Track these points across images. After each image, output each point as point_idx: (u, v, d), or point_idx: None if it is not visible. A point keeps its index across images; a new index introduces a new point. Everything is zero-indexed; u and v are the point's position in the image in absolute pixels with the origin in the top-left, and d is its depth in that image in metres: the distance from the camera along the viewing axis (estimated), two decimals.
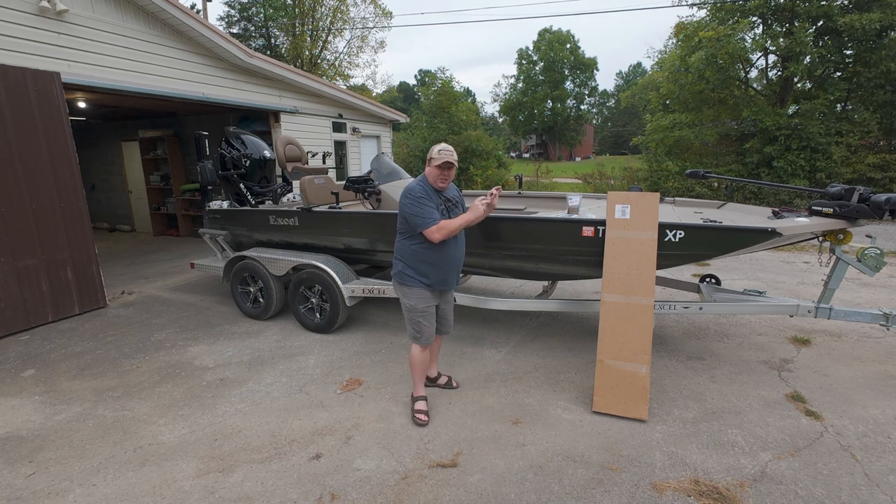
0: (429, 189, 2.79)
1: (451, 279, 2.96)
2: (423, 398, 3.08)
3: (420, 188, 2.77)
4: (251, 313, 4.92)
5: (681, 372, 3.54)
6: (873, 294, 5.29)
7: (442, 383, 3.39)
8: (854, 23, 10.23)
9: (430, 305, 2.94)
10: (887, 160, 10.96)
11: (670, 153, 13.56)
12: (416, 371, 3.08)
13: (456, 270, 2.97)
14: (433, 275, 2.86)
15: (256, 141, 5.52)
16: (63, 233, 4.99)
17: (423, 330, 2.95)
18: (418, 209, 2.71)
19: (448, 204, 2.86)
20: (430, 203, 2.73)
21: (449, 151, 2.74)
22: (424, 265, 2.84)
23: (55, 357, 4.08)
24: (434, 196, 2.78)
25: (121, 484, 2.46)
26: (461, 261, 3.00)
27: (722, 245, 3.18)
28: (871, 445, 2.63)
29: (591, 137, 61.18)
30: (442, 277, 2.89)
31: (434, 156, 2.74)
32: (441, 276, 2.89)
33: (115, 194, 11.16)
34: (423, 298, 2.90)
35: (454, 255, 2.91)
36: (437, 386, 3.39)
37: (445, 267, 2.87)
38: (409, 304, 2.93)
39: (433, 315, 2.99)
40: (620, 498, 2.28)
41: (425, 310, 2.92)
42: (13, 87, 4.53)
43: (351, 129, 10.48)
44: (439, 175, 2.77)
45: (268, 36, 28.34)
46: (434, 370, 3.40)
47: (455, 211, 2.89)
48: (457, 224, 2.74)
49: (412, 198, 2.73)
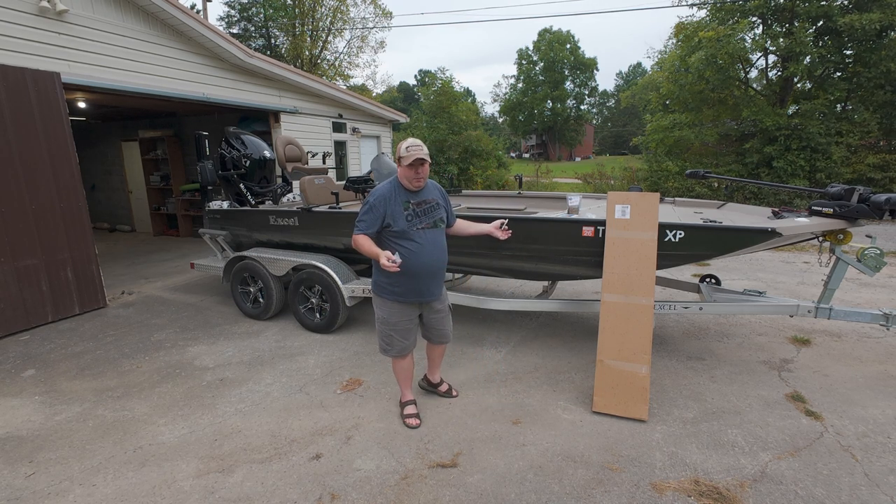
0: (398, 192, 2.60)
1: (427, 290, 2.70)
2: (410, 402, 2.99)
3: (383, 192, 2.59)
4: (251, 313, 4.92)
5: (681, 372, 3.54)
6: (873, 294, 5.29)
7: (442, 391, 3.26)
8: (854, 23, 10.23)
9: (403, 320, 2.75)
10: (887, 160, 10.96)
11: (670, 153, 13.56)
12: (399, 377, 2.98)
13: (433, 280, 2.71)
14: (405, 285, 2.65)
15: (256, 141, 5.52)
16: (63, 233, 4.99)
17: (394, 343, 2.80)
18: (364, 213, 2.58)
19: (420, 207, 2.62)
20: (378, 213, 2.55)
21: (418, 146, 2.52)
22: (394, 275, 2.60)
23: (55, 357, 4.08)
24: (398, 200, 2.58)
25: (121, 484, 2.46)
26: (439, 268, 2.73)
27: (722, 245, 3.18)
28: (870, 445, 2.62)
29: (591, 137, 61.20)
30: (415, 288, 2.67)
31: (403, 154, 2.51)
32: (414, 287, 2.66)
33: (115, 194, 11.15)
34: (395, 312, 2.73)
35: (427, 262, 2.63)
36: (437, 393, 3.27)
37: (418, 276, 2.63)
38: (381, 316, 2.78)
39: (409, 330, 2.80)
40: (620, 498, 2.28)
41: (397, 324, 2.75)
42: (13, 88, 4.53)
43: (351, 129, 10.48)
44: (413, 175, 2.55)
45: (268, 36, 28.34)
46: (436, 375, 3.27)
47: (429, 215, 2.64)
48: (368, 250, 2.54)
49: (367, 202, 2.60)
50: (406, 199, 2.60)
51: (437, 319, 2.90)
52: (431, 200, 2.68)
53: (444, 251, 2.75)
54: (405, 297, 2.69)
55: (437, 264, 2.70)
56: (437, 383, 3.28)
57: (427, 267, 2.64)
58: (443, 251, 2.74)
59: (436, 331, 2.95)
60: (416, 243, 2.60)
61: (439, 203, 2.74)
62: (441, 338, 2.98)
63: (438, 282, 2.77)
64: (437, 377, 3.27)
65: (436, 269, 2.71)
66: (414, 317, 2.80)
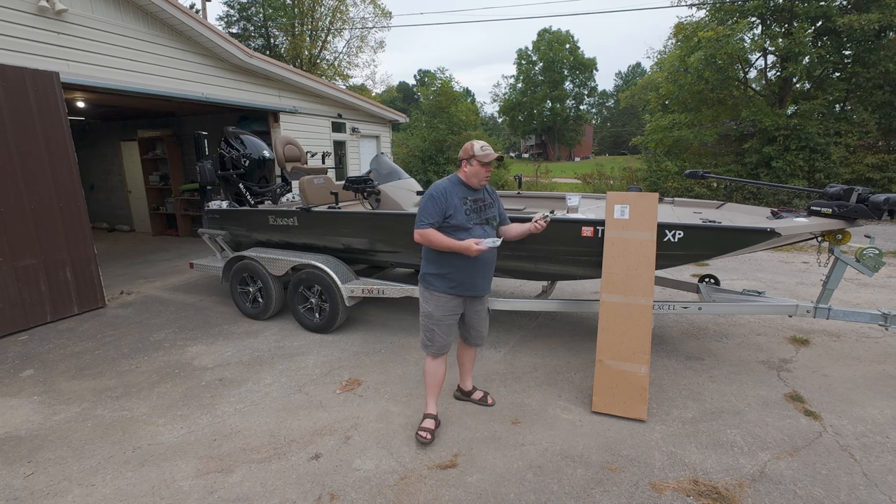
0: (456, 188, 2.67)
1: (480, 284, 2.77)
2: (431, 416, 2.83)
3: (444, 186, 2.65)
4: (250, 313, 4.91)
5: (680, 372, 3.55)
6: (872, 294, 5.29)
7: (476, 398, 3.15)
8: (853, 23, 10.24)
9: (448, 314, 2.75)
10: (886, 160, 10.97)
11: (669, 153, 13.57)
12: (428, 384, 2.86)
13: (485, 275, 2.78)
14: (458, 278, 2.68)
15: (256, 141, 5.52)
16: (62, 233, 4.98)
17: (436, 339, 2.77)
18: (426, 206, 2.61)
19: (477, 204, 2.70)
20: (442, 206, 2.59)
21: (490, 148, 2.65)
22: (450, 267, 2.66)
23: (54, 357, 4.07)
24: (457, 196, 2.64)
25: (120, 484, 2.45)
26: (491, 265, 2.80)
27: (721, 245, 3.18)
28: (869, 445, 2.63)
29: (590, 138, 61.23)
30: (468, 281, 2.71)
31: (478, 153, 2.60)
32: (467, 280, 2.70)
33: (114, 194, 11.14)
34: (441, 306, 2.73)
35: (476, 264, 2.69)
36: (472, 401, 3.16)
37: (472, 270, 2.69)
38: (427, 310, 2.76)
39: (451, 326, 2.80)
40: (620, 498, 2.28)
41: (442, 318, 2.74)
42: (12, 87, 4.53)
43: (350, 129, 10.48)
44: (485, 174, 2.66)
45: (267, 36, 28.33)
46: (468, 382, 3.17)
47: (483, 212, 2.72)
48: (445, 243, 2.56)
49: (429, 195, 2.64)
50: (464, 195, 2.67)
51: (479, 319, 2.92)
52: (486, 199, 2.77)
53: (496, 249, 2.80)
54: (457, 289, 2.71)
55: (491, 260, 2.79)
56: (470, 391, 3.19)
57: (478, 261, 2.69)
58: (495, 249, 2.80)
59: (475, 330, 2.95)
60: (472, 237, 2.62)
61: (494, 202, 2.82)
62: (478, 339, 2.99)
63: (488, 278, 2.83)
64: (468, 384, 3.19)
65: (489, 264, 2.79)
66: (457, 313, 2.81)
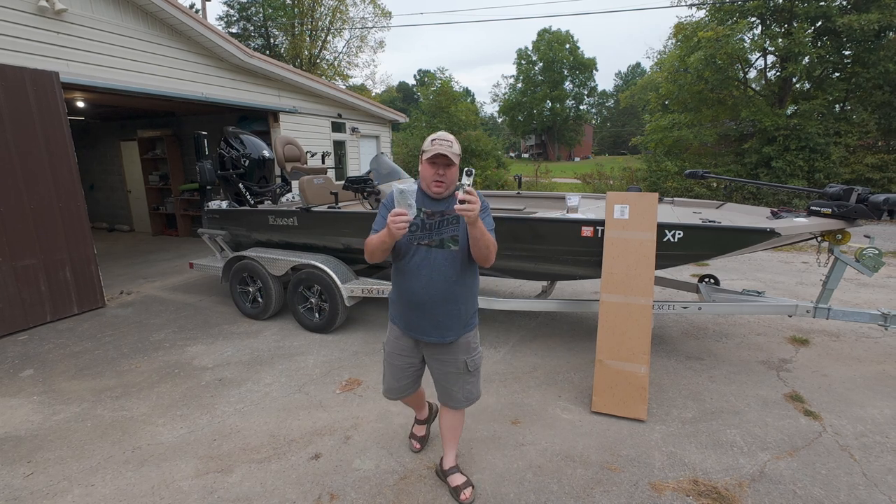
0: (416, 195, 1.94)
1: (419, 326, 2.08)
2: (419, 422, 2.70)
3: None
4: (250, 313, 4.91)
5: (680, 372, 3.55)
6: (872, 294, 5.30)
7: (452, 484, 2.29)
8: (852, 23, 10.25)
9: (395, 352, 2.21)
10: (885, 160, 10.98)
11: (669, 153, 13.59)
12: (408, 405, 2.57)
13: (423, 316, 2.05)
14: (398, 310, 2.16)
15: (255, 141, 5.52)
16: (62, 233, 4.98)
17: (385, 377, 2.30)
18: (378, 214, 2.05)
19: (431, 218, 1.97)
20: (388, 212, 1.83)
21: (447, 142, 1.89)
22: (396, 291, 2.15)
23: (54, 357, 4.07)
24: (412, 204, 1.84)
25: (119, 484, 2.45)
26: (431, 302, 2.01)
27: (721, 245, 3.18)
28: (869, 445, 2.63)
29: (590, 138, 61.26)
30: (406, 319, 2.12)
31: (426, 147, 1.93)
32: (405, 317, 2.12)
33: (114, 194, 11.13)
34: (391, 340, 2.23)
35: (415, 289, 2.01)
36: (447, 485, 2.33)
37: (406, 305, 2.08)
38: (384, 340, 2.31)
39: (400, 369, 2.23)
40: (619, 498, 2.28)
41: (390, 354, 2.24)
42: (12, 87, 4.53)
43: (350, 129, 10.48)
44: (432, 175, 1.93)
45: (267, 36, 28.33)
46: (449, 457, 2.37)
47: (442, 229, 1.98)
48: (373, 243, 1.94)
49: (382, 202, 2.13)
50: (421, 207, 1.98)
51: (442, 373, 2.18)
52: (449, 213, 1.97)
53: (445, 281, 1.99)
54: (403, 325, 2.15)
55: (425, 296, 2.00)
56: (448, 469, 2.34)
57: (414, 296, 2.02)
58: (444, 281, 1.99)
59: (440, 387, 2.24)
60: (408, 262, 2.01)
61: (458, 220, 1.97)
62: (450, 400, 2.22)
63: (435, 321, 2.05)
64: (449, 459, 2.37)
65: (424, 303, 2.02)
66: (409, 355, 2.21)
